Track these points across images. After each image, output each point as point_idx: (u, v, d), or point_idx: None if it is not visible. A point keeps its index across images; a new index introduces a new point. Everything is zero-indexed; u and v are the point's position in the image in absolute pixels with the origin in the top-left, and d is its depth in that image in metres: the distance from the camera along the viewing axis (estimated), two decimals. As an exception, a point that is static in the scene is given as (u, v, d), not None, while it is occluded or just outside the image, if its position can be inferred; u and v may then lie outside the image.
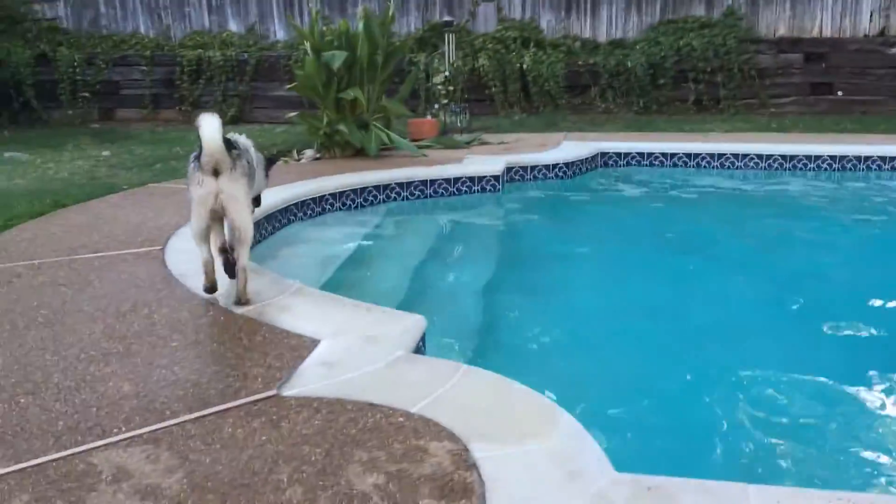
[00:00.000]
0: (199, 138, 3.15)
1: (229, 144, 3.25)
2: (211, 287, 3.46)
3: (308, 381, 2.68)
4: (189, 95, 12.09)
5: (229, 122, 11.87)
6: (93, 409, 2.52)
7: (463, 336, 3.87)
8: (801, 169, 7.46)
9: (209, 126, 3.12)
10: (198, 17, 12.62)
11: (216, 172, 3.20)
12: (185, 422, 2.43)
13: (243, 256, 3.37)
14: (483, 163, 7.03)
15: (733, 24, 11.27)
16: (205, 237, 3.35)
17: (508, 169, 7.05)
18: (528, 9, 11.95)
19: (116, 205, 5.64)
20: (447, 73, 9.41)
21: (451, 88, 9.42)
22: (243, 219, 3.33)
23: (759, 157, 7.57)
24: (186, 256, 4.13)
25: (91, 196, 5.98)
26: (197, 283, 3.61)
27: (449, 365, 2.79)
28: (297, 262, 4.88)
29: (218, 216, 3.33)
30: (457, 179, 6.65)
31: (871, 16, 11.14)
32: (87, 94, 12.30)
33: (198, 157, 3.21)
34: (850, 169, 7.37)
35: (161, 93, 12.32)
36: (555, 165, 7.27)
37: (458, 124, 9.07)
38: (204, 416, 2.46)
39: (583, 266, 5.20)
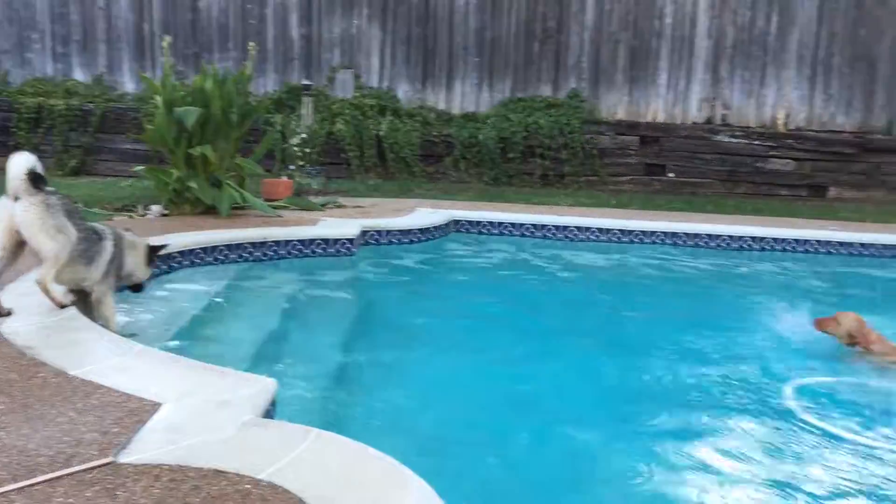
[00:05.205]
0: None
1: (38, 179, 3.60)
2: None
3: (149, 447, 2.55)
4: (26, 143, 11.36)
5: (70, 173, 11.28)
6: None
7: (314, 400, 3.82)
8: (636, 242, 8.00)
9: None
10: (41, 63, 12.02)
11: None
12: (9, 492, 2.24)
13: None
14: (338, 225, 7.05)
15: (577, 106, 12.04)
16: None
17: (363, 232, 7.09)
18: (385, 78, 12.25)
19: (-64, 256, 5.18)
20: (304, 135, 9.43)
21: (307, 150, 9.44)
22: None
23: (601, 230, 8.05)
24: (17, 313, 3.87)
25: None
26: (28, 342, 3.39)
27: (300, 429, 2.74)
28: (141, 322, 4.65)
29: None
30: (311, 241, 6.61)
31: (699, 105, 12.22)
32: None
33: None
34: (681, 244, 7.99)
35: (-7, 139, 11.56)
36: (409, 230, 7.39)
37: (314, 186, 9.07)
38: (31, 486, 2.28)
39: (434, 330, 5.28)
